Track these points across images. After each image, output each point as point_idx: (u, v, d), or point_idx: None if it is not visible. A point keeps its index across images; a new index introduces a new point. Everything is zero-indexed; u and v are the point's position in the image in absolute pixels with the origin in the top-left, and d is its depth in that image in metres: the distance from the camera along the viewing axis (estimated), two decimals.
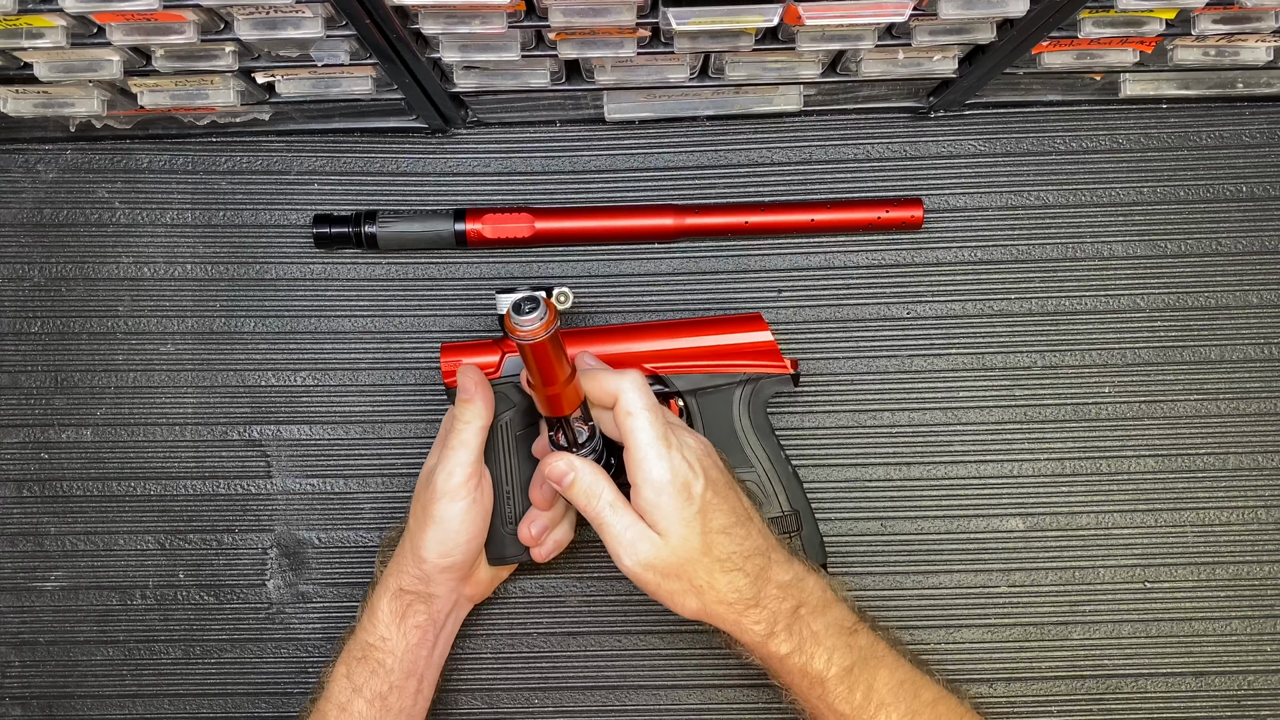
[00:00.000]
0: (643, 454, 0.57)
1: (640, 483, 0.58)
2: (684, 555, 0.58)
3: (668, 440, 0.58)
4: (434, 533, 0.63)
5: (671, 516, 0.57)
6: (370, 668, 0.63)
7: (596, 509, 0.59)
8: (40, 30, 0.56)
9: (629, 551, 0.58)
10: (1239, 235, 0.74)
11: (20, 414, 0.75)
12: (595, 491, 0.59)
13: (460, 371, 0.65)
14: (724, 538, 0.58)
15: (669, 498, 0.57)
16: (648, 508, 0.58)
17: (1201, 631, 0.74)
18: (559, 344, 0.55)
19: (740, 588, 0.59)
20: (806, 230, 0.73)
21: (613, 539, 0.58)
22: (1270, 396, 0.74)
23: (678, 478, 0.57)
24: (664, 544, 0.57)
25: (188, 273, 0.75)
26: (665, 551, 0.58)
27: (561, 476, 0.59)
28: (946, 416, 0.74)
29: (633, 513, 0.58)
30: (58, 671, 0.74)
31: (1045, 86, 0.71)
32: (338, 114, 0.71)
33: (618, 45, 0.60)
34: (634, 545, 0.58)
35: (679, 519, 0.57)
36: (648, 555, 0.58)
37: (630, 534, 0.58)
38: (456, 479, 0.63)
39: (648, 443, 0.58)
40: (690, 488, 0.58)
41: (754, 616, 0.59)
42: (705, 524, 0.58)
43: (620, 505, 0.58)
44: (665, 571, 0.58)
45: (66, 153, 0.75)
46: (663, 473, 0.57)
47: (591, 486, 0.59)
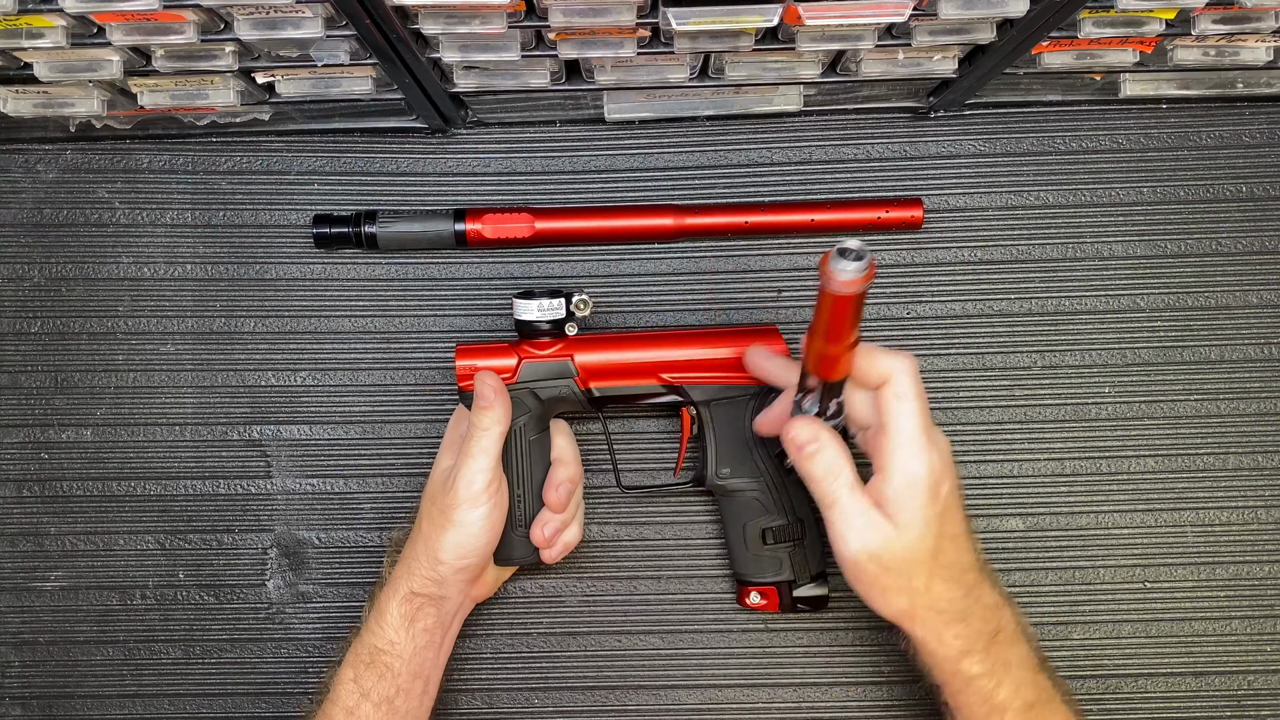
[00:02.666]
0: (905, 441, 0.55)
1: (893, 470, 0.55)
2: (914, 553, 0.56)
3: (930, 433, 0.56)
4: (453, 536, 0.63)
5: (915, 512, 0.55)
6: (378, 672, 0.63)
7: (832, 487, 0.56)
8: (40, 30, 0.56)
9: (858, 537, 0.56)
10: (1239, 235, 0.74)
11: (20, 414, 0.75)
12: (837, 468, 0.56)
13: (478, 377, 0.65)
14: (952, 545, 0.57)
15: (920, 493, 0.55)
16: (894, 496, 0.55)
17: (1201, 631, 0.74)
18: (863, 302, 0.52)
19: (954, 599, 0.57)
20: (806, 230, 0.73)
21: (842, 521, 0.56)
22: (1270, 396, 0.74)
23: (933, 473, 0.55)
24: (898, 537, 0.55)
25: (188, 273, 0.75)
26: (898, 545, 0.55)
27: (805, 444, 0.57)
28: (946, 416, 0.74)
29: (869, 499, 0.56)
30: (58, 671, 0.74)
31: (1045, 86, 0.71)
32: (338, 114, 0.71)
33: (618, 45, 0.60)
34: (864, 532, 0.56)
35: (921, 516, 0.55)
36: (877, 545, 0.55)
37: (862, 520, 0.56)
38: (477, 486, 0.63)
39: (913, 432, 0.55)
40: (940, 487, 0.56)
41: (956, 630, 0.58)
42: (941, 527, 0.56)
43: (859, 488, 0.56)
44: (889, 565, 0.56)
45: (66, 153, 0.75)
46: (920, 466, 0.55)
47: (834, 462, 0.57)
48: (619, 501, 0.74)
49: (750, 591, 0.69)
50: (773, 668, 0.74)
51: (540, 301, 0.66)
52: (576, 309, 0.67)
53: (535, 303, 0.66)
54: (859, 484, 0.57)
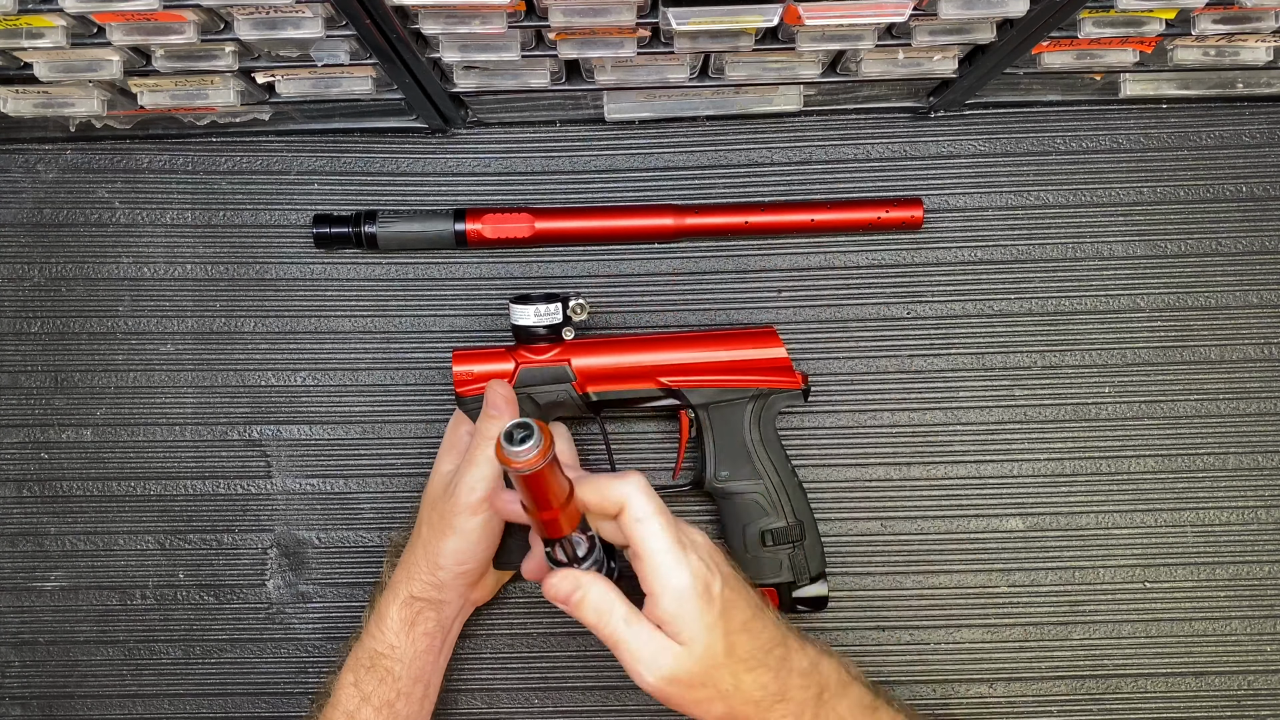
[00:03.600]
0: (660, 560, 0.54)
1: (659, 591, 0.54)
2: (709, 662, 0.54)
3: (681, 543, 0.55)
4: (453, 542, 0.63)
5: (695, 624, 0.54)
6: (379, 676, 0.63)
7: (611, 626, 0.55)
8: (40, 30, 0.56)
9: (650, 668, 0.54)
10: (1239, 235, 0.74)
11: (20, 414, 0.75)
12: (606, 608, 0.55)
13: (490, 385, 0.65)
14: (745, 636, 0.56)
15: (692, 604, 0.54)
16: (668, 617, 0.54)
17: (1201, 631, 0.73)
18: (556, 466, 0.52)
19: (765, 684, 0.56)
20: (806, 230, 0.73)
21: (630, 656, 0.54)
22: (1270, 396, 0.74)
23: (698, 581, 0.54)
24: (687, 654, 0.54)
25: (188, 273, 0.75)
26: (689, 661, 0.54)
27: (568, 596, 0.55)
28: (946, 416, 0.74)
29: (648, 625, 0.55)
30: (58, 671, 0.74)
31: (1045, 86, 0.71)
32: (338, 114, 0.71)
33: (618, 45, 0.60)
34: (654, 660, 0.54)
35: (702, 625, 0.54)
36: (670, 669, 0.54)
37: (649, 649, 0.54)
38: (479, 494, 0.63)
39: (664, 549, 0.54)
40: (710, 589, 0.54)
41: (780, 711, 0.56)
42: (727, 625, 0.55)
43: (635, 619, 0.55)
44: (690, 682, 0.54)
45: (66, 153, 0.75)
46: (683, 578, 0.54)
47: (601, 603, 0.55)
48: None
49: None
50: None
51: (536, 307, 0.66)
52: (573, 313, 0.67)
53: (531, 308, 0.66)
54: (635, 614, 0.55)
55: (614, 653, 0.55)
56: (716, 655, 0.55)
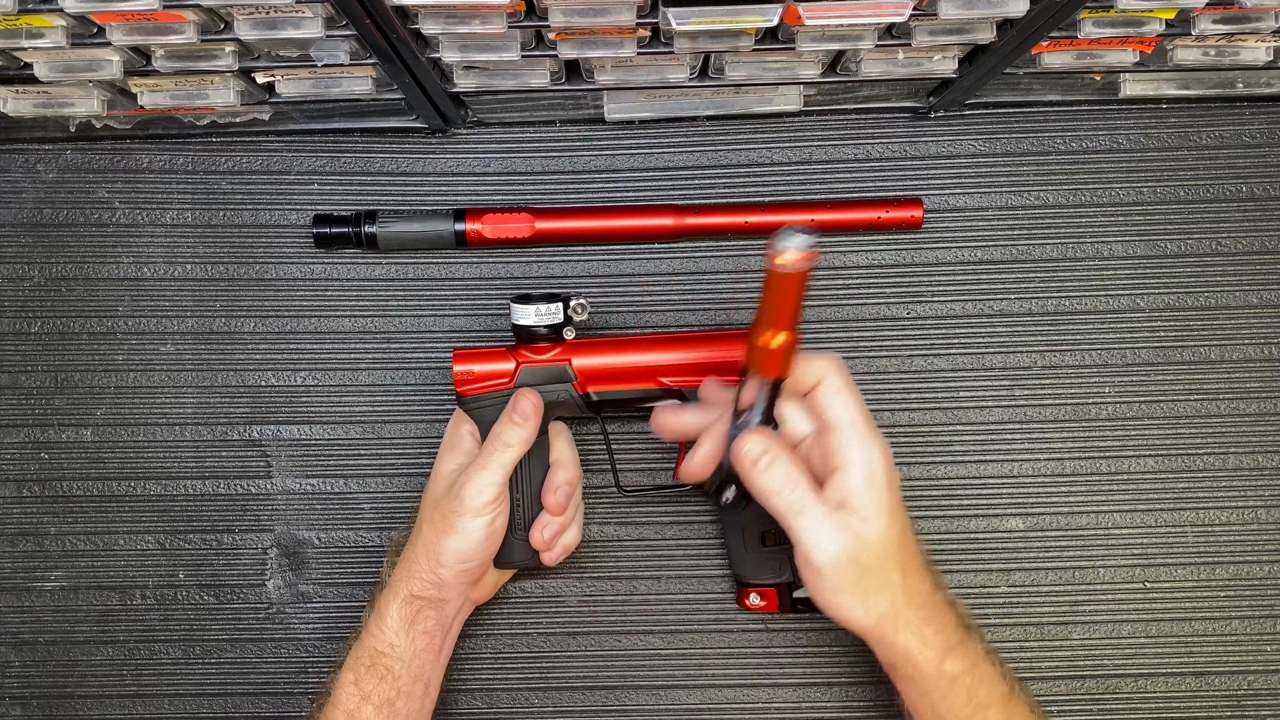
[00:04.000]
0: (856, 432, 0.54)
1: (850, 464, 0.54)
2: (887, 546, 0.54)
3: (870, 427, 0.55)
4: (454, 542, 0.63)
5: (879, 503, 0.53)
6: (379, 675, 0.63)
7: (794, 495, 0.54)
8: (40, 30, 0.56)
9: (833, 540, 0.53)
10: (1239, 235, 0.74)
11: (20, 414, 0.75)
12: (795, 475, 0.54)
13: (521, 394, 0.65)
14: (912, 536, 0.56)
15: (880, 482, 0.54)
16: (856, 489, 0.54)
17: (1201, 631, 0.74)
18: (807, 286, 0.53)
19: (927, 592, 0.56)
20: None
21: (814, 527, 0.53)
22: (1270, 396, 0.74)
23: (888, 461, 0.54)
24: (870, 531, 0.53)
25: (188, 273, 0.75)
26: (872, 540, 0.53)
27: (759, 457, 0.54)
28: (946, 416, 0.74)
29: (826, 506, 0.54)
30: (58, 671, 0.74)
31: (1045, 86, 0.71)
32: (338, 114, 0.71)
33: (618, 45, 0.60)
34: (836, 534, 0.53)
35: (886, 506, 0.54)
36: (852, 545, 0.53)
37: (831, 522, 0.53)
38: (485, 497, 0.63)
39: (861, 423, 0.54)
40: (894, 474, 0.55)
41: (936, 627, 0.56)
42: (903, 515, 0.55)
43: (817, 501, 0.54)
44: (866, 563, 0.53)
45: (66, 153, 0.75)
46: (877, 454, 0.54)
47: (791, 469, 0.54)
48: (619, 502, 0.74)
49: (750, 593, 0.69)
50: (773, 668, 0.74)
51: (537, 306, 0.66)
52: (574, 313, 0.67)
53: (532, 308, 0.66)
54: (816, 492, 0.55)
55: (792, 526, 0.54)
56: (893, 542, 0.54)
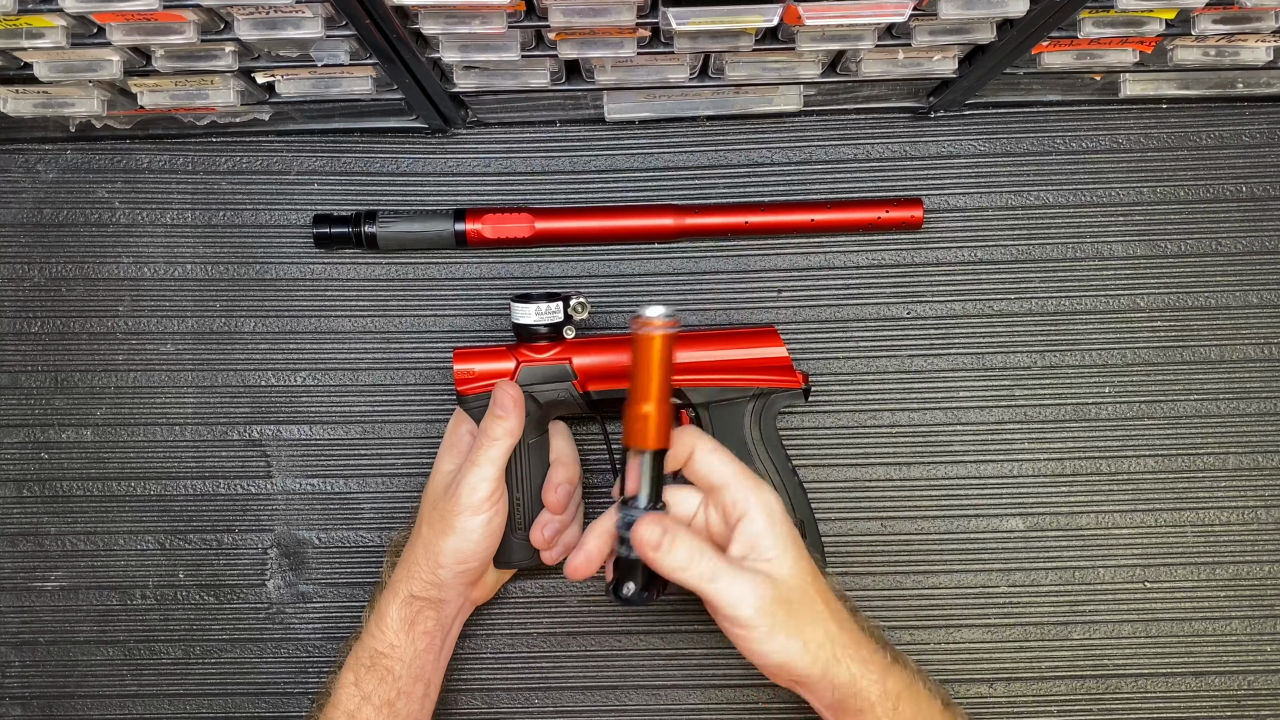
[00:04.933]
0: (742, 481, 0.57)
1: (749, 509, 0.56)
2: (803, 577, 0.56)
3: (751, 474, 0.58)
4: (453, 542, 0.63)
5: (786, 539, 0.56)
6: (379, 675, 0.63)
7: (703, 566, 0.54)
8: (40, 30, 0.56)
9: (753, 592, 0.54)
10: (1239, 235, 0.74)
11: (20, 414, 0.75)
12: (697, 548, 0.54)
13: (499, 386, 0.65)
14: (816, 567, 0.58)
15: (780, 519, 0.56)
16: (761, 534, 0.56)
17: (1201, 631, 0.74)
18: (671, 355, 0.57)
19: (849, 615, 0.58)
20: (806, 230, 0.73)
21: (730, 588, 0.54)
22: (1270, 396, 0.74)
23: (780, 501, 0.57)
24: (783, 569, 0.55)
25: (188, 273, 0.75)
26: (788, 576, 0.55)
27: (659, 541, 0.54)
28: (946, 416, 0.74)
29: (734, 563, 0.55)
30: (58, 671, 0.74)
31: (1045, 86, 0.71)
32: (338, 114, 0.71)
33: (618, 45, 0.60)
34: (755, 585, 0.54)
35: (793, 541, 0.56)
36: (770, 589, 0.54)
37: (745, 576, 0.54)
38: (480, 494, 0.63)
39: (742, 471, 0.58)
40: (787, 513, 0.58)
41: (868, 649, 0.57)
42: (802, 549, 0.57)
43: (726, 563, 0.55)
44: (791, 600, 0.55)
45: (66, 153, 0.75)
46: (770, 496, 0.57)
47: (692, 543, 0.55)
48: None
49: None
50: None
51: (538, 305, 0.66)
52: (574, 312, 0.67)
53: (533, 306, 0.66)
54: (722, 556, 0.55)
55: (709, 596, 0.54)
56: (806, 573, 0.56)
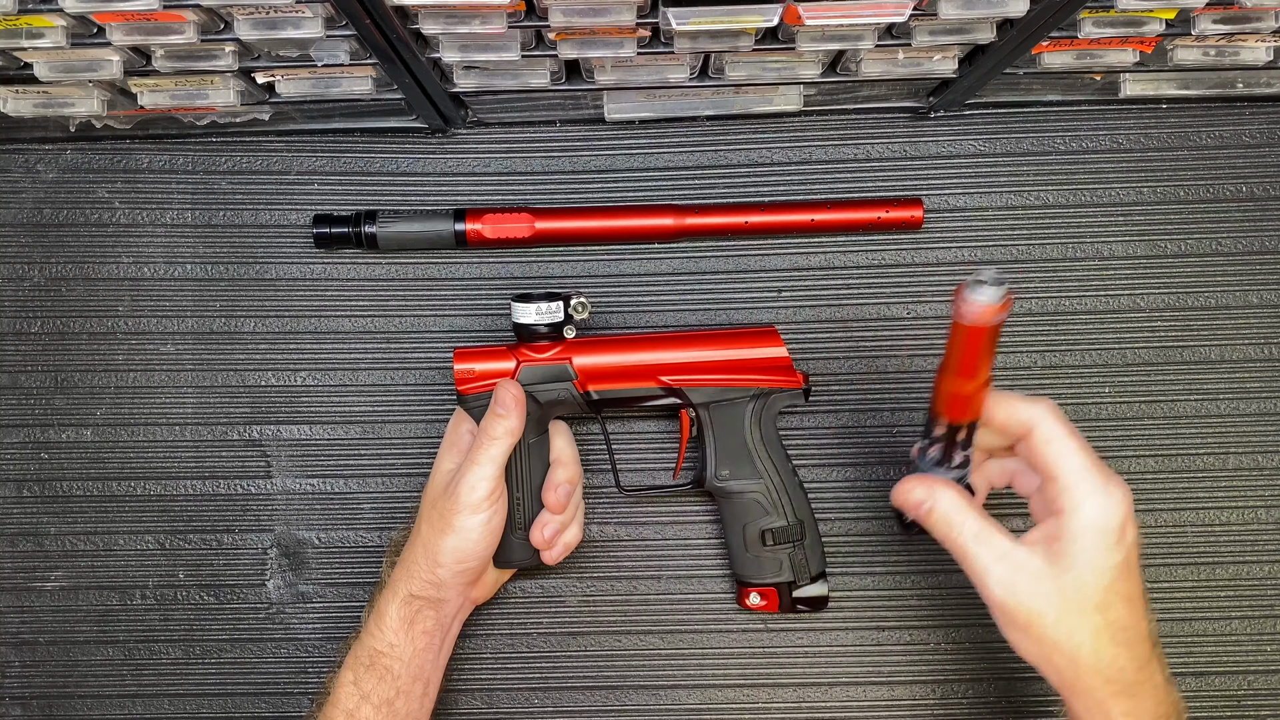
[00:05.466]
0: (1077, 480, 0.51)
1: (1071, 508, 0.51)
2: (1074, 604, 0.51)
3: (1104, 472, 0.52)
4: (452, 541, 0.63)
5: (1087, 554, 0.50)
6: (378, 674, 0.63)
7: (955, 539, 0.53)
8: (40, 30, 0.56)
9: (1000, 582, 0.52)
10: (1239, 235, 0.74)
11: (20, 414, 0.75)
12: (957, 520, 0.53)
13: (500, 385, 0.65)
14: (1127, 606, 0.51)
15: (1096, 534, 0.51)
16: (1066, 535, 0.51)
17: (1201, 631, 0.73)
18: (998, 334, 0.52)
19: (1125, 668, 0.52)
20: (806, 230, 0.73)
21: (979, 569, 0.52)
22: (1270, 396, 0.74)
23: (1116, 515, 0.51)
24: (1055, 578, 0.51)
25: (188, 273, 0.75)
26: (1050, 589, 0.51)
27: (920, 503, 0.54)
28: None
29: (1007, 540, 0.52)
30: (58, 671, 0.74)
31: (1045, 86, 0.71)
32: (338, 114, 0.71)
33: (618, 45, 0.60)
34: (1008, 576, 0.52)
35: (1093, 560, 0.50)
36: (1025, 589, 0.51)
37: (1003, 565, 0.52)
38: (479, 493, 0.63)
39: (1083, 469, 0.52)
40: (1124, 532, 0.51)
41: (1124, 706, 0.52)
42: (1115, 580, 0.51)
43: (988, 534, 0.53)
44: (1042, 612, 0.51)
45: (66, 153, 0.75)
46: (1098, 505, 0.51)
47: (952, 513, 0.53)
48: (619, 502, 0.74)
49: (750, 592, 0.69)
50: (773, 668, 0.74)
51: (538, 305, 0.66)
52: (574, 312, 0.67)
53: (533, 306, 0.66)
54: (990, 528, 0.53)
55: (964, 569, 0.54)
56: (1087, 600, 0.50)
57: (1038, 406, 0.54)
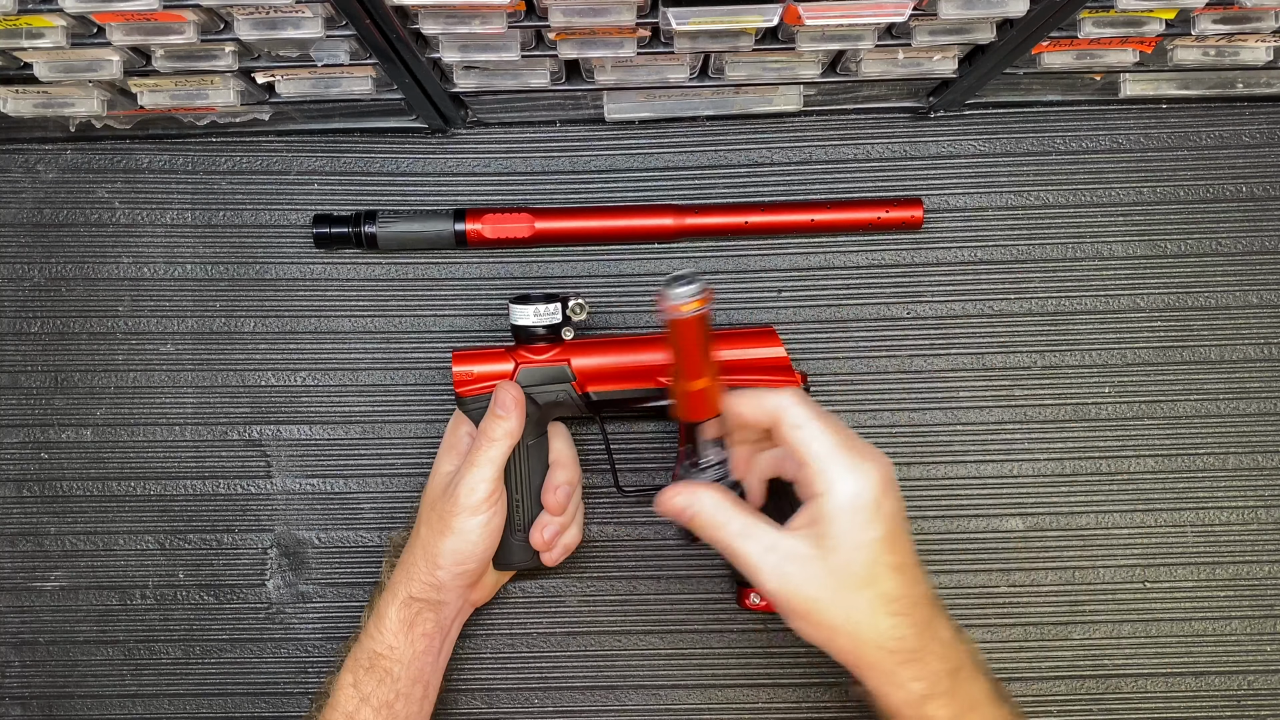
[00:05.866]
0: (823, 464, 0.52)
1: (822, 492, 0.52)
2: (843, 582, 0.51)
3: (853, 449, 0.52)
4: (451, 543, 0.63)
5: (846, 534, 0.51)
6: (378, 676, 0.63)
7: (724, 539, 0.54)
8: (40, 30, 0.56)
9: (773, 572, 0.52)
10: (1239, 235, 0.74)
11: (20, 414, 0.75)
12: (720, 520, 0.54)
13: (500, 386, 0.65)
14: (897, 577, 0.52)
15: (852, 514, 0.51)
16: (822, 517, 0.51)
17: (1201, 631, 0.73)
18: (708, 329, 0.53)
19: (904, 636, 0.52)
20: (806, 230, 0.73)
21: (751, 563, 0.53)
22: (1270, 396, 0.74)
23: (867, 491, 0.51)
24: (823, 560, 0.51)
25: (188, 273, 0.75)
26: (820, 574, 0.51)
27: (682, 510, 0.55)
28: (946, 416, 0.74)
29: (773, 532, 0.53)
30: (58, 671, 0.74)
31: (1045, 86, 0.71)
32: (338, 114, 0.71)
33: (618, 45, 0.60)
34: (781, 565, 0.52)
35: (853, 538, 0.51)
36: (798, 575, 0.51)
37: (773, 555, 0.52)
38: (479, 495, 0.63)
39: (829, 451, 0.52)
40: (879, 505, 0.51)
41: (913, 672, 0.52)
42: (880, 554, 0.51)
43: (753, 529, 0.53)
44: (815, 601, 0.52)
45: (66, 153, 0.75)
46: (851, 484, 0.51)
47: (715, 514, 0.54)
48: (618, 502, 0.74)
49: (750, 592, 0.69)
50: (773, 668, 0.74)
51: (536, 307, 0.66)
52: (572, 313, 0.67)
53: (531, 308, 0.66)
54: (755, 523, 0.53)
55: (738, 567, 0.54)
56: (856, 578, 0.51)
57: (782, 395, 0.54)
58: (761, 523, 0.54)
